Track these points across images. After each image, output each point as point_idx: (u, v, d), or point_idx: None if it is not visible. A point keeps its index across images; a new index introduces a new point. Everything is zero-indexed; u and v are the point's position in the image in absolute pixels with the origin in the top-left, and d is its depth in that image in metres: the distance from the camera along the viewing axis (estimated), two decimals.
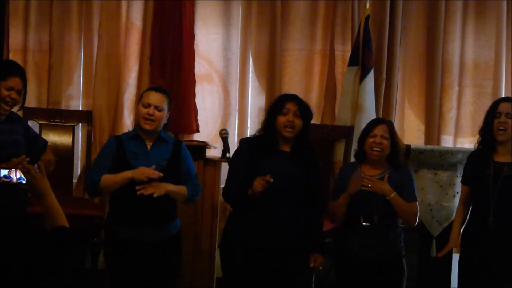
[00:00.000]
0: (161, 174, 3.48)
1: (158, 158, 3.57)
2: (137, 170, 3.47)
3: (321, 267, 3.65)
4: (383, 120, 3.86)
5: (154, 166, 3.49)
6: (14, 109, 3.57)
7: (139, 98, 3.70)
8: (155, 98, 3.58)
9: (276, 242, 3.47)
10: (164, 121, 3.63)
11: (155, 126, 3.57)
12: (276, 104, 3.57)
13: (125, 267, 3.56)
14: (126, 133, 3.83)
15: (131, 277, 3.55)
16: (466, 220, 3.79)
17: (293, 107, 3.52)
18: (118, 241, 3.56)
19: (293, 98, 3.60)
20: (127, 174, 3.48)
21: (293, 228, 3.52)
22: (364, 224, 3.56)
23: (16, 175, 2.73)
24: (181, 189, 3.59)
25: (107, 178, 3.53)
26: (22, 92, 3.50)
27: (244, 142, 3.66)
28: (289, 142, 3.56)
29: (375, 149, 3.60)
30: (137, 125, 3.65)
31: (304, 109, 3.55)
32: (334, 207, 3.65)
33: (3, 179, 2.75)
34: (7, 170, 2.74)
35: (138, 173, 3.47)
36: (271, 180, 3.33)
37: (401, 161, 3.68)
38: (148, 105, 3.56)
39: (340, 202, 3.60)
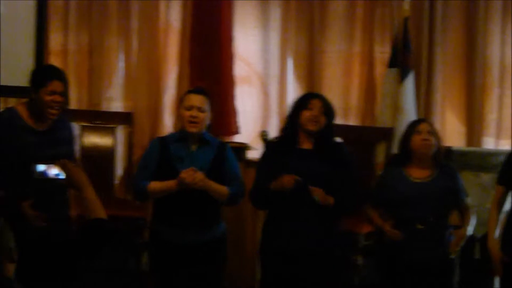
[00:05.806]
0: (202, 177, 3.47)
1: (202, 161, 3.56)
2: (179, 180, 3.45)
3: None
4: (424, 119, 3.91)
5: (193, 169, 3.46)
6: None
7: (179, 101, 3.68)
8: (196, 99, 3.57)
9: (307, 244, 3.47)
10: (207, 121, 3.62)
11: (200, 127, 3.57)
12: (302, 100, 3.60)
13: (169, 269, 3.57)
14: (171, 134, 3.84)
15: (174, 279, 3.56)
16: (504, 222, 3.75)
17: (319, 103, 3.55)
18: (162, 242, 3.57)
19: (318, 95, 3.68)
20: (172, 185, 3.47)
21: (323, 228, 3.50)
22: (419, 227, 3.53)
23: (54, 171, 2.77)
24: (221, 188, 3.57)
25: (154, 187, 3.54)
26: (65, 93, 3.52)
27: (268, 146, 3.69)
28: (311, 139, 3.56)
29: (424, 146, 3.56)
30: (181, 128, 3.64)
31: (328, 107, 3.58)
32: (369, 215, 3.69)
33: (40, 175, 2.78)
34: (44, 166, 2.77)
35: (182, 184, 3.45)
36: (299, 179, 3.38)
37: (442, 160, 3.68)
38: (191, 108, 3.55)
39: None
